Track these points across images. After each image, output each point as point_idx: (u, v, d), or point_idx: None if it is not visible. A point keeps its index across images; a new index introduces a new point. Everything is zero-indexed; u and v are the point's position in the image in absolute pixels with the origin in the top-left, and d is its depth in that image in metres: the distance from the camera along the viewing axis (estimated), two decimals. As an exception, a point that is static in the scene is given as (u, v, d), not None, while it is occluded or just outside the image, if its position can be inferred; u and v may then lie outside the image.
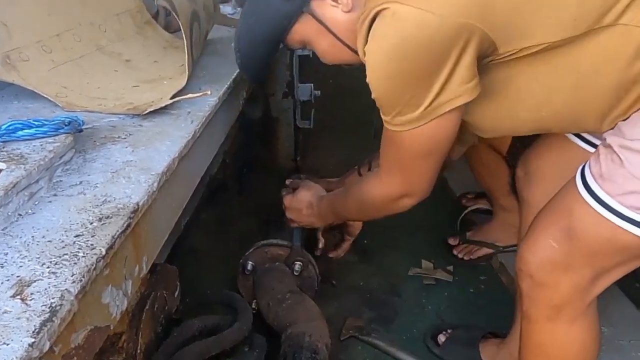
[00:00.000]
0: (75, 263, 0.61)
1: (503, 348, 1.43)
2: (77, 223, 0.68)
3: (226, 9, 1.63)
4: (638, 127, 0.87)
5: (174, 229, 0.94)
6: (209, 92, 0.97)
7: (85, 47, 1.16)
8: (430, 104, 0.88)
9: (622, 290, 1.61)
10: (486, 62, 0.88)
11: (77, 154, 0.85)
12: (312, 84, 2.20)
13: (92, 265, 0.62)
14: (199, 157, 1.00)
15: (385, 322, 1.57)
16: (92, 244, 0.64)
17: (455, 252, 1.86)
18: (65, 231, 0.67)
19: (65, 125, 0.85)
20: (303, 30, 1.02)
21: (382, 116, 0.95)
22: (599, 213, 0.90)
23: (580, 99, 0.91)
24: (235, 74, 1.18)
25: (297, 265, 1.44)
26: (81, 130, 0.89)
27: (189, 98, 0.96)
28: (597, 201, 0.90)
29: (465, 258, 1.84)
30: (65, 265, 0.61)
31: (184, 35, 1.00)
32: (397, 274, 1.78)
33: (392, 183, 1.05)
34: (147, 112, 0.96)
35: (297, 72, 2.15)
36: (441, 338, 1.51)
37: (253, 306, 1.42)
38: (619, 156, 0.88)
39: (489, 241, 1.86)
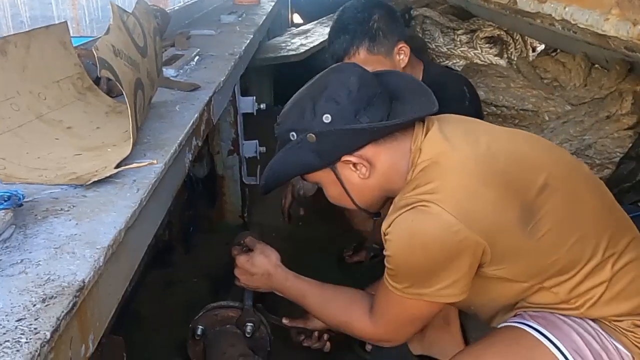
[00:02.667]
0: (17, 350, 0.59)
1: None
2: (19, 306, 0.66)
3: (169, 72, 1.64)
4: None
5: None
6: (155, 162, 0.97)
7: (24, 116, 1.13)
8: (438, 291, 1.06)
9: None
10: None
11: (18, 229, 0.82)
12: (257, 141, 2.23)
13: (36, 351, 0.59)
14: (146, 226, 0.98)
15: (341, 378, 1.56)
16: (35, 328, 0.62)
17: None
18: (7, 315, 0.64)
19: (5, 201, 0.82)
20: (321, 177, 1.18)
21: (394, 283, 1.09)
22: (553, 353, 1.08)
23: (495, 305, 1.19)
24: (180, 139, 1.18)
25: (249, 327, 1.42)
26: (21, 205, 0.86)
27: (135, 167, 0.95)
28: (552, 344, 1.09)
29: None
30: (7, 353, 0.58)
31: (127, 105, 1.00)
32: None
33: (381, 330, 1.19)
34: (90, 182, 0.94)
35: (242, 129, 2.17)
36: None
37: (204, 373, 1.38)
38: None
39: None
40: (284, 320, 1.47)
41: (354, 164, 1.13)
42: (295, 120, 1.15)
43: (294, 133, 1.14)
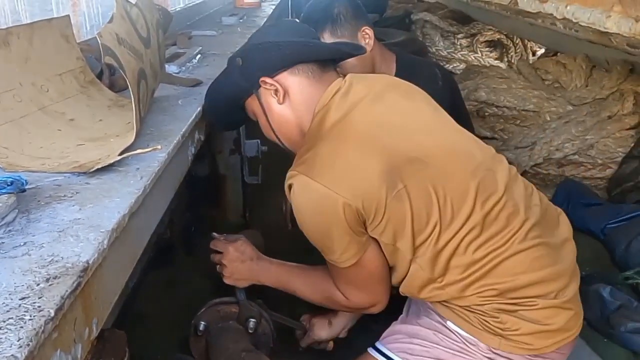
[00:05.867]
0: (21, 327, 0.58)
1: None
2: (23, 285, 0.65)
3: (171, 68, 1.64)
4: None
5: (121, 293, 0.90)
6: (159, 147, 0.96)
7: (26, 107, 1.13)
8: (341, 255, 1.11)
9: (591, 347, 1.59)
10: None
11: (21, 214, 0.81)
12: (259, 140, 2.22)
13: (40, 327, 0.58)
14: (150, 214, 0.97)
15: (344, 376, 1.54)
16: (39, 306, 0.61)
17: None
18: (10, 294, 0.63)
19: (7, 185, 0.82)
20: (251, 105, 1.25)
21: (330, 258, 1.15)
22: None
23: None
24: (183, 130, 1.17)
25: (251, 323, 1.40)
26: (24, 190, 0.85)
27: (138, 154, 0.95)
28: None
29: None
30: (10, 329, 0.57)
31: (131, 93, 0.99)
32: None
33: (359, 300, 1.22)
34: (94, 169, 0.93)
35: (244, 128, 2.16)
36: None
37: (207, 368, 1.36)
38: None
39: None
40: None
41: (274, 90, 1.17)
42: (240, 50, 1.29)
43: (239, 58, 1.24)
